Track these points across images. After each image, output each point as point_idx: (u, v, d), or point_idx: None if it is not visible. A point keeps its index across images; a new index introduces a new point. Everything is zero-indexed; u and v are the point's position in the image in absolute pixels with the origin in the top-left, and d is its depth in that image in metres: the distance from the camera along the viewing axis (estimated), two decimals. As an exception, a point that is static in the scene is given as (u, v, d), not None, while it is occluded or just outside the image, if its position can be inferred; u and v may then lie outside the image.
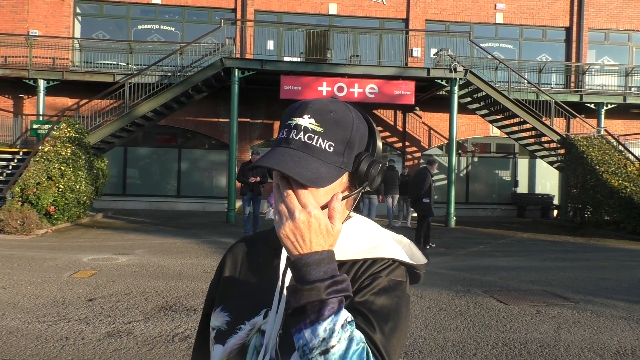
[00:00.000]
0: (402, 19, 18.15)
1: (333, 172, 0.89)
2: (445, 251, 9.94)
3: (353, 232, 0.98)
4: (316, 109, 0.91)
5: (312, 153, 0.88)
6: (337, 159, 0.90)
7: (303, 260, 0.80)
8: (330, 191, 0.90)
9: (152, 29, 17.78)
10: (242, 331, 0.96)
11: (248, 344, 0.95)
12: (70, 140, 12.85)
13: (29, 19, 16.88)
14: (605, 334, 4.88)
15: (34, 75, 15.40)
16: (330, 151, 0.90)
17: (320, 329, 0.78)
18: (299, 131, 0.90)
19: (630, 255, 10.02)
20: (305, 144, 0.89)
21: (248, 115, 17.35)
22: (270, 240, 1.04)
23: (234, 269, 1.07)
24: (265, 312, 0.96)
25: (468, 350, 4.33)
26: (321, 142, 0.89)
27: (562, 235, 13.18)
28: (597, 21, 18.82)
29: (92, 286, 6.24)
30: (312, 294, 0.78)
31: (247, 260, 1.06)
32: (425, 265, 0.99)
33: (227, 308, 1.01)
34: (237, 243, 1.13)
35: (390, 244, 0.98)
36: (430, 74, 14.61)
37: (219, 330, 1.00)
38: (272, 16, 17.78)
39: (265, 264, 1.02)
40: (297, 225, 0.80)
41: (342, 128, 0.91)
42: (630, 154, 14.98)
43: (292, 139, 0.89)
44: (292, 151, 0.88)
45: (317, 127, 0.90)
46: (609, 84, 18.42)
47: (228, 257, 1.10)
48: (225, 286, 1.05)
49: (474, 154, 19.13)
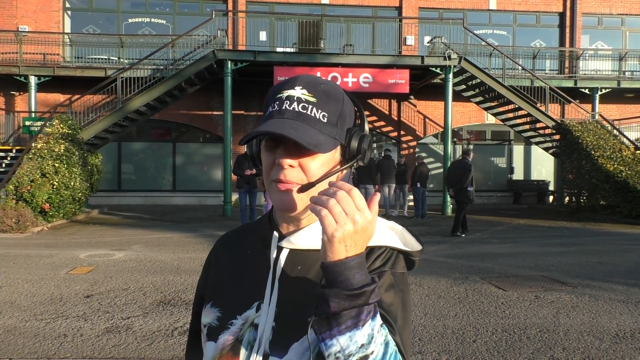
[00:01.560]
0: (395, 7, 18.04)
1: (329, 142, 0.87)
2: (442, 239, 9.95)
3: None
4: (307, 81, 0.90)
5: (308, 122, 0.86)
6: (331, 129, 0.89)
7: (347, 264, 0.75)
8: (325, 164, 0.89)
9: (143, 22, 17.61)
10: (234, 326, 0.93)
11: (241, 338, 0.91)
12: (64, 136, 12.75)
13: (18, 15, 16.67)
14: (604, 317, 4.90)
15: (25, 71, 15.25)
16: (325, 121, 0.88)
17: (359, 334, 0.74)
18: (292, 102, 0.87)
19: (627, 239, 10.07)
20: (299, 113, 0.87)
21: (242, 108, 17.25)
22: (258, 231, 1.01)
23: (222, 263, 1.03)
24: (257, 305, 0.92)
25: (468, 337, 4.34)
26: (315, 112, 0.87)
27: (559, 220, 13.23)
28: (591, 6, 18.77)
29: (90, 282, 6.21)
30: (359, 300, 0.74)
31: (235, 253, 1.02)
32: (420, 251, 0.95)
33: (217, 303, 0.98)
34: (222, 237, 1.09)
35: (384, 231, 0.95)
36: (425, 62, 14.55)
37: (210, 326, 0.96)
38: (264, 7, 17.63)
39: (255, 256, 0.98)
40: (357, 229, 0.75)
41: (334, 100, 0.90)
42: (625, 138, 15.01)
43: (286, 110, 0.87)
44: (288, 121, 0.85)
45: (310, 97, 0.88)
46: (603, 69, 18.42)
47: (214, 252, 1.07)
48: (214, 281, 1.02)
49: (469, 141, 19.12)
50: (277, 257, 0.94)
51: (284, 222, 0.96)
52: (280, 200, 0.88)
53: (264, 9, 17.59)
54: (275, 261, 0.94)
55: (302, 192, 0.87)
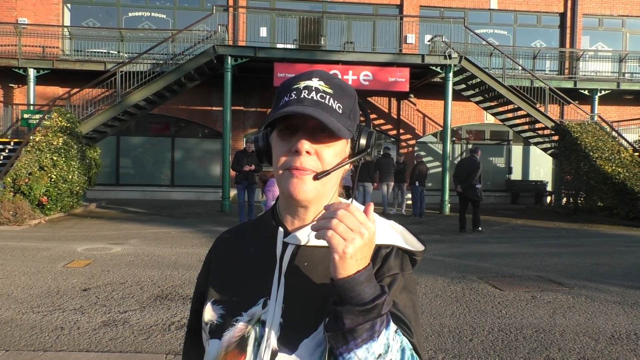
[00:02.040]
0: (396, 5, 18.02)
1: (346, 131, 0.88)
2: (440, 238, 9.97)
3: None
4: (322, 74, 0.92)
5: (326, 110, 0.87)
6: (346, 121, 0.90)
7: (357, 279, 0.76)
8: (339, 154, 0.91)
9: (143, 16, 17.56)
10: (240, 323, 0.92)
11: (248, 335, 0.91)
12: (62, 129, 12.72)
13: (18, 7, 16.61)
14: (600, 318, 4.91)
15: (24, 64, 15.20)
16: (340, 112, 0.89)
17: (375, 345, 0.75)
18: (310, 91, 0.88)
19: (624, 240, 10.09)
20: (317, 102, 0.87)
21: (241, 104, 17.23)
22: (261, 228, 1.01)
23: (224, 260, 1.02)
24: (263, 301, 0.92)
25: (464, 336, 4.35)
26: (332, 102, 0.89)
27: (556, 221, 13.26)
28: (591, 7, 18.77)
29: (87, 276, 6.21)
30: (372, 314, 0.75)
31: (238, 250, 1.02)
32: (423, 252, 0.96)
33: (220, 301, 0.97)
34: (223, 234, 1.08)
35: (387, 230, 0.95)
36: (425, 61, 14.53)
37: (212, 324, 0.95)
38: (264, 2, 17.60)
39: (259, 253, 0.98)
40: (365, 242, 0.76)
41: (348, 95, 0.92)
42: (624, 140, 15.03)
43: (305, 98, 0.88)
44: (308, 107, 0.86)
45: (327, 89, 0.90)
46: (603, 70, 18.43)
47: (215, 249, 1.06)
48: (216, 278, 1.01)
49: (469, 141, 19.13)
50: (282, 253, 0.94)
51: (289, 217, 0.96)
52: (294, 187, 0.88)
53: (265, 4, 17.56)
54: (281, 257, 0.94)
55: (317, 179, 0.88)
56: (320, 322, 0.87)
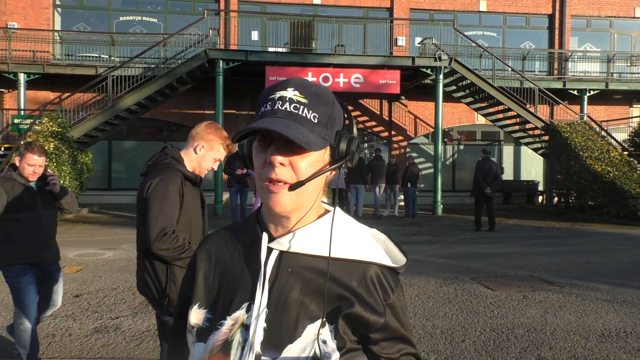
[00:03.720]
0: (387, 8, 18.09)
1: (320, 141, 0.90)
2: (432, 239, 10.01)
3: (327, 227, 0.94)
4: (298, 83, 0.92)
5: (299, 121, 0.88)
6: (322, 130, 0.91)
7: None
8: (315, 164, 0.91)
9: (134, 20, 17.51)
10: (224, 326, 0.93)
11: (231, 339, 0.92)
12: (53, 134, 12.64)
13: (7, 11, 16.51)
14: (591, 316, 4.96)
15: (14, 68, 15.08)
16: (315, 122, 0.90)
17: None
18: (284, 102, 0.89)
19: (614, 239, 10.19)
20: (291, 113, 0.89)
21: (233, 107, 17.22)
22: (246, 232, 1.01)
23: (209, 264, 1.02)
24: (247, 305, 0.93)
25: (456, 337, 4.38)
26: (306, 112, 0.89)
27: (547, 220, 13.36)
28: (579, 8, 18.95)
29: (79, 282, 6.18)
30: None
31: (222, 253, 1.02)
32: (405, 265, 0.98)
33: (205, 304, 0.98)
34: (208, 238, 1.08)
35: (368, 242, 0.97)
36: (415, 63, 14.61)
37: (199, 327, 0.96)
38: (256, 6, 17.61)
39: (243, 257, 0.99)
40: None
41: (324, 102, 0.92)
42: (613, 139, 15.17)
43: (278, 109, 0.89)
44: (280, 119, 0.87)
45: (302, 98, 0.90)
46: (592, 71, 18.60)
47: (200, 252, 1.05)
48: (202, 282, 1.01)
49: (460, 142, 19.23)
50: (267, 258, 0.95)
51: (272, 223, 0.97)
52: (271, 199, 0.90)
53: (256, 8, 17.57)
54: (265, 262, 0.94)
55: (292, 190, 0.89)
56: (304, 328, 0.89)
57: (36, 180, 3.59)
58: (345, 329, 0.91)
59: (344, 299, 0.91)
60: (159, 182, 2.40)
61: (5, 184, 3.49)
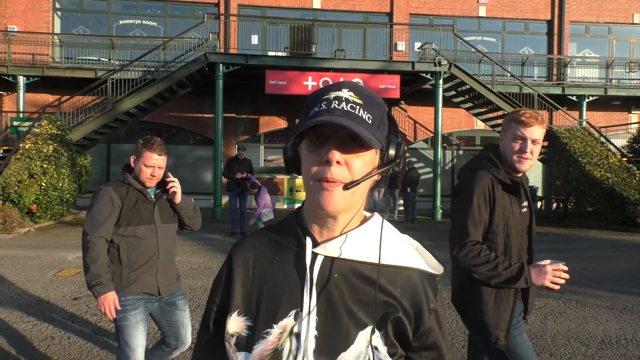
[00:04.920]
0: (386, 13, 18.15)
1: (376, 141, 0.89)
2: (431, 244, 9.97)
3: (373, 233, 0.95)
4: (352, 85, 0.92)
5: (356, 121, 0.87)
6: (376, 131, 0.90)
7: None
8: (368, 164, 0.91)
9: (134, 24, 17.53)
10: (272, 335, 0.90)
11: (281, 348, 0.89)
12: (52, 137, 12.63)
13: (7, 14, 16.52)
14: (591, 323, 4.95)
15: (13, 71, 15.10)
16: (370, 123, 0.89)
17: None
18: (340, 102, 0.88)
19: (613, 245, 10.19)
20: (348, 112, 0.87)
21: (233, 111, 17.23)
22: (286, 237, 0.98)
23: (246, 270, 0.98)
24: (295, 313, 0.91)
25: (457, 342, 4.37)
26: (362, 113, 0.89)
27: (546, 226, 13.35)
28: (578, 14, 19.03)
29: (77, 285, 6.16)
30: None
31: (260, 258, 0.98)
32: (442, 273, 1.00)
33: (246, 312, 0.94)
34: (241, 243, 1.04)
35: (407, 249, 0.98)
36: (415, 68, 14.64)
37: (240, 336, 0.93)
38: (255, 10, 17.65)
39: (284, 262, 0.96)
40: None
41: (377, 105, 0.92)
42: (612, 145, 15.20)
43: (335, 108, 0.87)
44: (338, 118, 0.86)
45: (357, 99, 0.90)
46: (590, 76, 18.65)
47: (235, 257, 1.01)
48: (239, 289, 0.97)
49: (459, 147, 19.26)
50: (311, 263, 0.93)
51: (317, 226, 0.95)
52: (324, 198, 0.87)
53: (256, 12, 17.61)
54: (310, 268, 0.92)
55: (347, 189, 0.88)
56: (355, 336, 0.88)
57: (154, 186, 2.93)
58: (394, 335, 0.91)
59: (390, 305, 0.91)
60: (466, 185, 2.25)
61: (120, 190, 2.88)
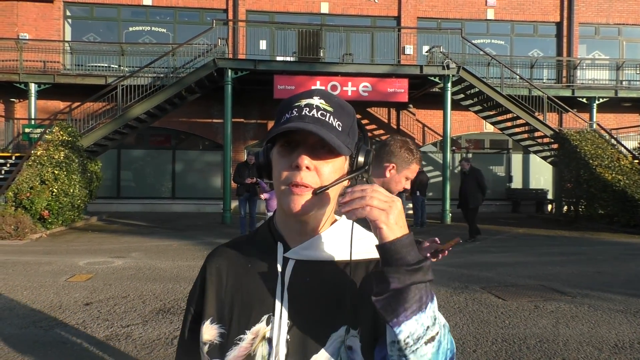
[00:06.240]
0: (394, 17, 18.16)
1: (345, 148, 0.90)
2: (441, 248, 9.93)
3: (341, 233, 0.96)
4: (322, 93, 0.94)
5: (326, 128, 0.89)
6: (345, 138, 0.92)
7: (403, 241, 0.79)
8: (337, 171, 0.92)
9: (144, 30, 17.69)
10: (244, 341, 0.91)
11: (254, 354, 0.91)
12: (63, 143, 12.76)
13: (19, 23, 16.75)
14: (603, 327, 4.90)
15: (25, 79, 15.30)
16: (340, 130, 0.91)
17: (423, 317, 0.78)
18: (311, 109, 0.90)
19: (625, 248, 10.08)
20: (318, 119, 0.89)
21: (242, 116, 17.31)
22: (258, 243, 1.00)
23: (219, 277, 1.00)
24: (267, 318, 0.92)
25: (468, 347, 4.34)
26: (332, 120, 0.91)
27: (557, 229, 13.25)
28: (587, 15, 18.91)
29: (89, 290, 6.20)
30: (418, 275, 0.78)
31: (234, 266, 1.00)
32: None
33: (219, 319, 0.96)
34: (216, 251, 1.06)
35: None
36: (423, 72, 14.62)
37: (212, 344, 0.94)
38: (263, 16, 17.74)
39: (258, 268, 0.97)
40: (400, 209, 0.80)
41: (347, 113, 0.94)
42: (623, 147, 15.05)
43: (306, 115, 0.89)
44: (309, 124, 0.88)
45: (328, 107, 0.91)
46: (601, 78, 18.51)
47: (210, 266, 1.02)
48: (213, 296, 0.98)
49: (468, 150, 19.18)
50: (283, 268, 0.94)
51: (287, 231, 0.97)
52: (293, 201, 0.89)
53: (264, 18, 17.70)
54: (282, 273, 0.94)
55: (316, 194, 0.89)
56: (327, 338, 0.88)
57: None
58: (370, 332, 0.90)
59: (364, 300, 0.90)
60: None
61: None
